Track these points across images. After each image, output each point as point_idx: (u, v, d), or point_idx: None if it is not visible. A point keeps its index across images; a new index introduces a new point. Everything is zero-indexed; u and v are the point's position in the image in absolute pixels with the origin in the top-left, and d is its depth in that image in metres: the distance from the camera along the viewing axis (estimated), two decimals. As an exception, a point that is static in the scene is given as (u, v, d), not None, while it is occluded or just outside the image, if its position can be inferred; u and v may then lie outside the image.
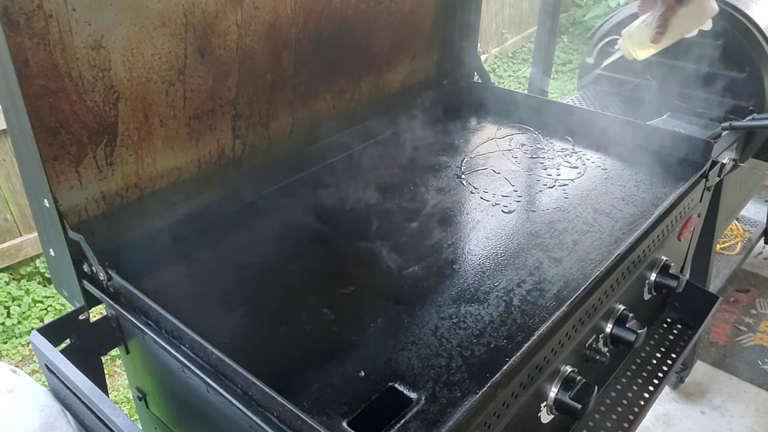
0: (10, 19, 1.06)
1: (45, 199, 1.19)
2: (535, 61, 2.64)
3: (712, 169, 1.69)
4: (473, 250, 1.40)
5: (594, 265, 1.32)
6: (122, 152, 1.33)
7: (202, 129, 1.46)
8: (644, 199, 1.56)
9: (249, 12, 1.44)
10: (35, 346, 1.22)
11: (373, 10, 1.77)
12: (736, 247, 3.12)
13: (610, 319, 1.39)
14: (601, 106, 2.46)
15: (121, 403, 2.97)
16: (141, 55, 1.28)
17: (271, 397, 0.95)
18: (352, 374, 1.08)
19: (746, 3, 2.29)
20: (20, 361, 3.26)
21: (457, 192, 1.63)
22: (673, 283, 1.57)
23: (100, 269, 1.21)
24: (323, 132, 1.77)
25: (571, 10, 7.63)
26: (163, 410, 1.37)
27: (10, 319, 3.40)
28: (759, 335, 3.14)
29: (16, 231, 3.62)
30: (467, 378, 1.06)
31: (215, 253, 1.42)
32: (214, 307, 1.25)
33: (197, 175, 1.50)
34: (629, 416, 1.53)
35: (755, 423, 2.72)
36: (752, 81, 2.24)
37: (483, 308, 1.22)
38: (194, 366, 1.07)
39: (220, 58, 1.42)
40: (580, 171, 1.71)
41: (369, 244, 1.43)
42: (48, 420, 1.16)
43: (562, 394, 1.22)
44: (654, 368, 1.69)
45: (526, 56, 7.16)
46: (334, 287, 1.31)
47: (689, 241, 1.83)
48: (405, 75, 2.02)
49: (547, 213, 1.53)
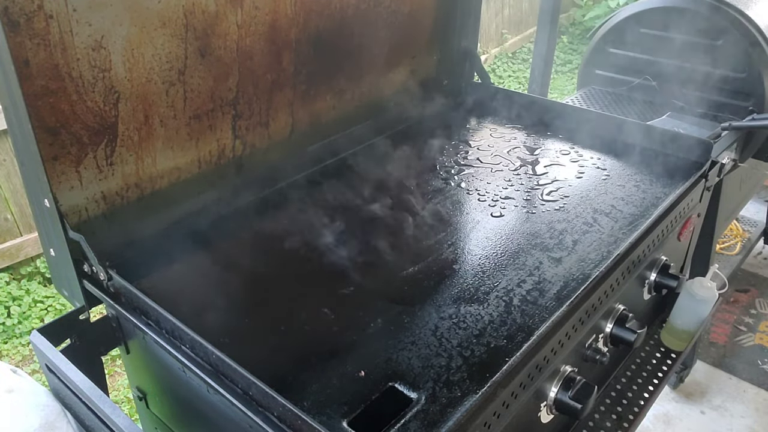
0: (11, 19, 1.06)
1: (45, 199, 1.19)
2: (535, 62, 2.64)
3: (712, 169, 1.69)
4: (473, 250, 1.40)
5: (594, 265, 1.33)
6: (122, 152, 1.33)
7: (202, 129, 1.47)
8: (644, 199, 1.56)
9: (249, 12, 1.44)
10: (35, 346, 1.22)
11: (373, 11, 1.77)
12: (736, 247, 3.12)
13: (609, 319, 1.39)
14: (601, 106, 2.47)
15: (122, 403, 2.96)
16: (141, 55, 1.28)
17: (271, 397, 0.95)
18: (352, 374, 1.08)
19: (746, 3, 2.29)
20: (20, 361, 3.26)
21: (457, 192, 1.63)
22: (673, 283, 1.57)
23: (100, 269, 1.21)
24: (323, 132, 1.77)
25: (571, 10, 7.62)
26: (163, 410, 1.37)
27: (10, 319, 3.40)
28: (759, 335, 3.14)
29: (16, 231, 3.62)
30: (467, 378, 1.06)
31: (215, 253, 1.42)
32: (215, 307, 1.25)
33: (197, 175, 1.50)
34: (629, 416, 1.54)
35: (755, 423, 2.72)
36: (752, 81, 2.24)
37: (483, 308, 1.22)
38: (194, 366, 1.07)
39: (220, 58, 1.42)
40: (580, 171, 1.71)
41: (369, 244, 1.43)
42: (48, 420, 1.17)
43: (562, 393, 1.22)
44: (654, 368, 1.70)
45: (526, 56, 7.16)
46: (334, 287, 1.31)
47: (689, 241, 1.83)
48: (405, 75, 2.02)
49: (547, 213, 1.53)
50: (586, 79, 2.68)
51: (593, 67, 2.64)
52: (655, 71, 2.43)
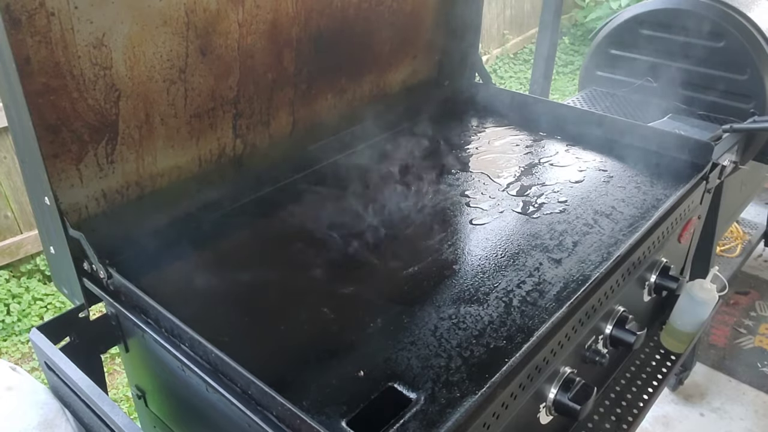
0: (12, 17, 1.06)
1: (46, 197, 1.19)
2: (537, 62, 2.64)
3: (713, 172, 1.69)
4: (473, 250, 1.40)
5: (594, 267, 1.32)
6: (123, 150, 1.33)
7: (202, 128, 1.46)
8: (644, 201, 1.56)
9: (250, 11, 1.44)
10: (35, 344, 1.22)
11: (375, 10, 1.77)
12: (736, 249, 3.12)
13: (609, 321, 1.39)
14: (603, 107, 2.47)
15: (121, 402, 2.97)
16: (142, 53, 1.28)
17: (270, 396, 0.95)
18: (351, 374, 1.08)
19: (747, 5, 2.29)
20: (20, 359, 3.26)
21: (458, 192, 1.63)
22: (673, 284, 1.57)
23: (100, 267, 1.21)
24: (324, 131, 1.77)
25: (573, 11, 7.62)
26: (162, 409, 1.37)
27: (9, 316, 3.40)
28: (758, 338, 3.14)
29: (16, 228, 3.62)
30: (466, 378, 1.06)
31: (215, 251, 1.42)
32: (214, 306, 1.25)
33: (198, 174, 1.50)
34: (628, 418, 1.54)
35: (754, 425, 2.72)
36: (753, 83, 2.24)
37: (482, 309, 1.22)
38: (194, 365, 1.07)
39: (221, 57, 1.42)
40: (581, 172, 1.71)
41: (369, 244, 1.43)
42: (47, 418, 1.16)
43: (561, 395, 1.22)
44: (653, 370, 1.70)
45: (528, 57, 7.15)
46: (333, 287, 1.31)
47: (689, 243, 1.83)
48: (406, 75, 2.02)
49: (547, 214, 1.53)
50: (587, 80, 2.68)
51: (595, 68, 2.64)
52: (657, 73, 2.43)
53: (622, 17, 2.50)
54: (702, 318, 1.70)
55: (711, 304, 1.69)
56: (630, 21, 2.46)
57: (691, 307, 1.70)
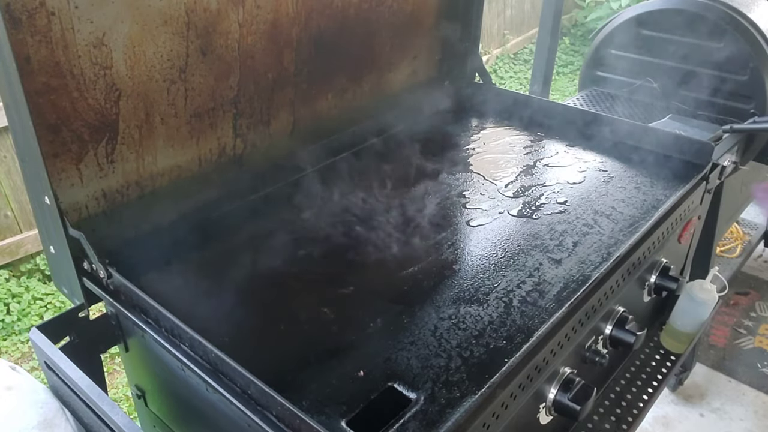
0: (13, 16, 1.06)
1: (45, 197, 1.19)
2: (537, 63, 2.64)
3: (713, 172, 1.69)
4: (473, 251, 1.40)
5: (594, 267, 1.32)
6: (123, 150, 1.33)
7: (203, 127, 1.46)
8: (645, 201, 1.56)
9: (251, 11, 1.44)
10: (35, 344, 1.22)
11: (375, 10, 1.77)
12: (736, 249, 3.12)
13: (609, 321, 1.39)
14: (603, 107, 2.47)
15: (120, 401, 2.96)
16: (143, 53, 1.28)
17: (270, 396, 0.95)
18: (351, 374, 1.08)
19: (747, 5, 2.29)
20: (19, 358, 3.26)
21: (458, 192, 1.63)
22: (673, 285, 1.57)
23: (100, 267, 1.21)
24: (324, 131, 1.77)
25: (573, 11, 7.62)
26: (162, 408, 1.37)
27: (9, 316, 3.40)
28: (758, 338, 3.14)
29: (16, 228, 3.62)
30: (466, 378, 1.06)
31: (215, 251, 1.42)
32: (214, 306, 1.25)
33: (198, 174, 1.50)
34: (628, 418, 1.54)
35: (754, 426, 2.72)
36: (753, 83, 2.24)
37: (482, 309, 1.22)
38: (193, 364, 1.07)
39: (221, 56, 1.42)
40: (581, 173, 1.71)
41: (369, 244, 1.43)
42: (47, 417, 1.16)
43: (561, 395, 1.22)
44: (653, 370, 1.70)
45: (528, 57, 7.15)
46: (333, 287, 1.31)
47: (689, 243, 1.83)
48: (406, 75, 2.02)
49: (547, 214, 1.53)
50: (587, 80, 2.68)
51: (595, 68, 2.64)
52: (657, 73, 2.43)
53: (622, 17, 2.50)
54: (702, 318, 1.70)
55: (711, 304, 1.69)
56: (630, 21, 2.46)
57: (691, 308, 1.70)
